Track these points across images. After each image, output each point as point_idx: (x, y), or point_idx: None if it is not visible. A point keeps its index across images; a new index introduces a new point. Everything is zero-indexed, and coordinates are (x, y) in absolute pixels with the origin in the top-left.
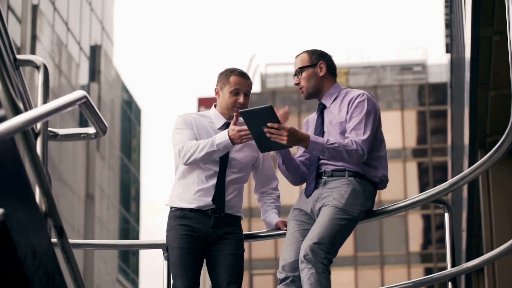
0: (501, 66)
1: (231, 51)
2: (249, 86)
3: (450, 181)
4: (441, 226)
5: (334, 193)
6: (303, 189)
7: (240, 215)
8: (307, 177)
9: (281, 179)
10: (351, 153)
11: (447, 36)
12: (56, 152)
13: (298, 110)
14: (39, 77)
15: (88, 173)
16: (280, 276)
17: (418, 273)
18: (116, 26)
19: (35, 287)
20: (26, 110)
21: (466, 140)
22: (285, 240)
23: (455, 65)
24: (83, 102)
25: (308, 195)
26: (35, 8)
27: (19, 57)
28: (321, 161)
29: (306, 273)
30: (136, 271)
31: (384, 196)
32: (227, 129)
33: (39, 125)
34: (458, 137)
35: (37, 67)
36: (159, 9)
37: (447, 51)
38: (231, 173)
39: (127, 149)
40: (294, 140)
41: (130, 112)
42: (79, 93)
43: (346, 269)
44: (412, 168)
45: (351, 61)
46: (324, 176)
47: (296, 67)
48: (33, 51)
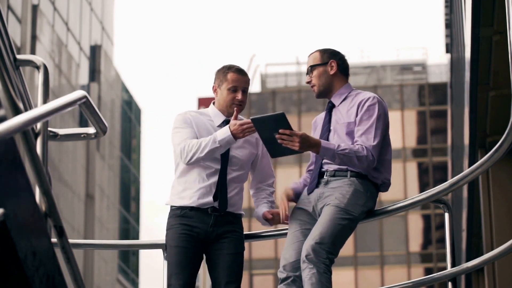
0: (501, 66)
1: (231, 51)
2: (246, 82)
3: (450, 181)
4: (441, 226)
5: (336, 192)
6: (305, 189)
7: (241, 213)
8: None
9: (284, 177)
10: (361, 159)
11: (447, 36)
12: (56, 152)
13: (298, 110)
14: (39, 77)
15: (88, 173)
16: (281, 275)
17: (418, 273)
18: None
19: (35, 287)
20: (26, 110)
21: (466, 140)
22: (286, 239)
23: (455, 65)
24: (83, 102)
25: (309, 192)
26: (35, 8)
27: (19, 57)
28: (325, 160)
29: (308, 273)
30: (136, 271)
31: (384, 196)
32: (228, 124)
33: (39, 125)
34: (458, 137)
35: (37, 67)
36: (159, 9)
37: (447, 51)
38: (232, 171)
39: (127, 149)
40: (306, 146)
41: (130, 112)
42: (79, 93)
43: (346, 269)
44: (412, 168)
45: (351, 61)
46: (326, 175)
47: (307, 66)
48: (33, 51)
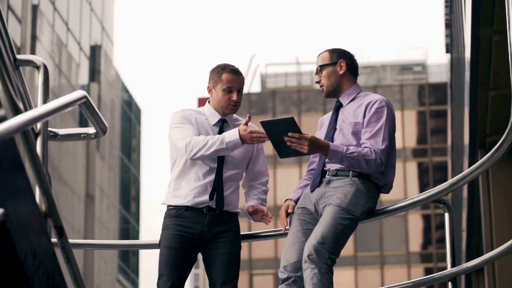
0: (501, 66)
1: (231, 51)
2: (241, 82)
3: (450, 181)
4: (441, 226)
5: (337, 192)
6: (307, 188)
7: (236, 211)
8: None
9: (284, 177)
10: (370, 162)
11: (447, 36)
12: (56, 152)
13: (298, 110)
14: (39, 77)
15: (88, 173)
16: (282, 276)
17: (418, 273)
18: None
19: (35, 287)
20: (26, 110)
21: (466, 140)
22: (287, 239)
23: (455, 65)
24: (83, 102)
25: (312, 189)
26: (35, 8)
27: (19, 57)
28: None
29: (309, 273)
30: (136, 271)
31: (384, 196)
32: (238, 127)
33: (39, 125)
34: (458, 137)
35: (37, 67)
36: (159, 9)
37: (447, 51)
38: (227, 170)
39: (127, 149)
40: (315, 148)
41: (130, 112)
42: (79, 93)
43: (346, 269)
44: (412, 168)
45: None
46: (328, 175)
47: (317, 66)
48: (33, 51)
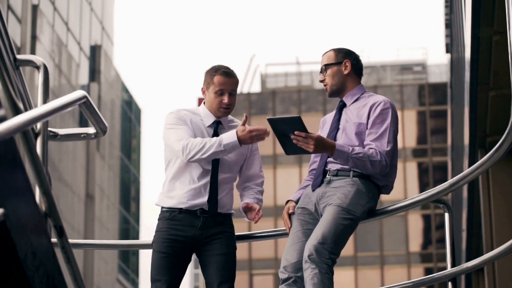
0: (501, 66)
1: (231, 51)
2: (233, 84)
3: (450, 181)
4: (441, 226)
5: (338, 192)
6: (308, 187)
7: (231, 212)
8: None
9: (284, 177)
10: (375, 163)
11: (447, 36)
12: (56, 152)
13: (298, 110)
14: (39, 77)
15: (88, 173)
16: (283, 276)
17: (418, 273)
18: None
19: (35, 287)
20: (26, 110)
21: (466, 140)
22: (288, 239)
23: (455, 65)
24: (83, 102)
25: (313, 189)
26: (35, 8)
27: (19, 57)
28: (329, 158)
29: (310, 273)
30: (136, 271)
31: (384, 196)
32: (235, 129)
33: (39, 125)
34: (458, 137)
35: (37, 67)
36: (159, 9)
37: (447, 51)
38: (221, 172)
39: (127, 149)
40: (321, 148)
41: (130, 112)
42: (79, 93)
43: (346, 269)
44: (412, 168)
45: None
46: (329, 175)
47: (321, 65)
48: (33, 51)
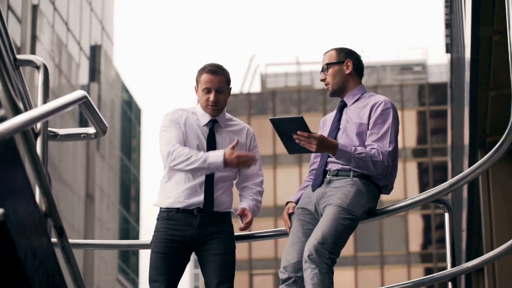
0: (501, 66)
1: (231, 51)
2: (220, 82)
3: (450, 181)
4: (441, 226)
5: (338, 192)
6: (308, 187)
7: (229, 211)
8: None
9: (284, 177)
10: (377, 164)
11: (447, 36)
12: (56, 152)
13: (298, 110)
14: (39, 77)
15: (88, 173)
16: (283, 276)
17: (418, 273)
18: (116, 26)
19: (35, 287)
20: (26, 110)
21: (466, 140)
22: (288, 239)
23: (455, 65)
24: (83, 102)
25: (313, 189)
26: (35, 8)
27: (19, 57)
28: (329, 158)
29: (310, 273)
30: (136, 271)
31: (384, 196)
32: (224, 149)
33: (39, 125)
34: (458, 137)
35: (37, 67)
36: (159, 9)
37: (447, 51)
38: (218, 172)
39: (127, 149)
40: (323, 148)
41: (130, 112)
42: (79, 93)
43: (346, 269)
44: (412, 168)
45: None
46: (329, 175)
47: (323, 64)
48: (33, 51)
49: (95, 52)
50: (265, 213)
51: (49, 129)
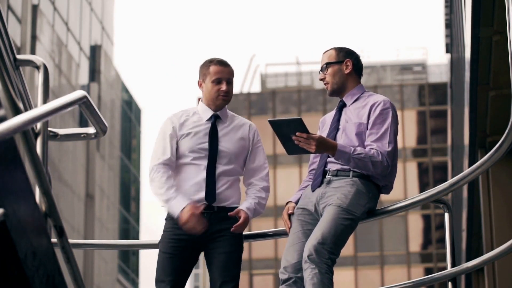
0: (501, 66)
1: (231, 51)
2: (230, 73)
3: (450, 181)
4: (441, 226)
5: (338, 192)
6: (307, 188)
7: (235, 206)
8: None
9: (284, 177)
10: (376, 164)
11: (447, 36)
12: (56, 152)
13: (298, 110)
14: (39, 77)
15: (88, 173)
16: (283, 276)
17: (418, 273)
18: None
19: (35, 287)
20: (26, 110)
21: (466, 140)
22: (288, 239)
23: (455, 65)
24: (83, 102)
25: (313, 189)
26: (35, 8)
27: (19, 57)
28: (329, 158)
29: (309, 273)
30: (136, 271)
31: (384, 196)
32: (188, 203)
33: (39, 125)
34: (458, 137)
35: (37, 67)
36: (159, 9)
37: (447, 51)
38: (220, 165)
39: (127, 149)
40: (322, 148)
41: (130, 112)
42: (79, 93)
43: (346, 269)
44: (412, 168)
45: None
46: (328, 175)
47: (322, 63)
48: (33, 51)
49: (95, 52)
50: (265, 213)
51: (49, 129)
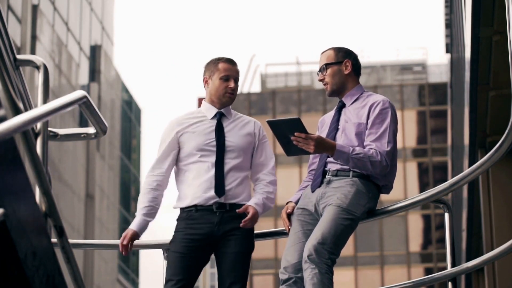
0: (501, 66)
1: (231, 51)
2: (237, 72)
3: (450, 181)
4: (441, 226)
5: (338, 192)
6: (307, 188)
7: (245, 203)
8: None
9: (284, 177)
10: (375, 164)
11: (447, 36)
12: (56, 152)
13: (298, 110)
14: (39, 77)
15: (88, 173)
16: (283, 276)
17: (418, 273)
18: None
19: (35, 287)
20: (26, 110)
21: (466, 140)
22: (288, 240)
23: (455, 65)
24: (83, 102)
25: (313, 190)
26: (35, 8)
27: (19, 57)
28: (329, 159)
29: (309, 273)
30: (136, 271)
31: (384, 196)
32: (135, 229)
33: (39, 125)
34: (458, 137)
35: (37, 67)
36: (159, 9)
37: (447, 51)
38: (230, 160)
39: (127, 149)
40: (321, 148)
41: (130, 112)
42: (79, 93)
43: (346, 269)
44: (412, 168)
45: None
46: (328, 175)
47: (321, 64)
48: (33, 51)
49: (95, 52)
50: (265, 213)
51: (49, 129)
